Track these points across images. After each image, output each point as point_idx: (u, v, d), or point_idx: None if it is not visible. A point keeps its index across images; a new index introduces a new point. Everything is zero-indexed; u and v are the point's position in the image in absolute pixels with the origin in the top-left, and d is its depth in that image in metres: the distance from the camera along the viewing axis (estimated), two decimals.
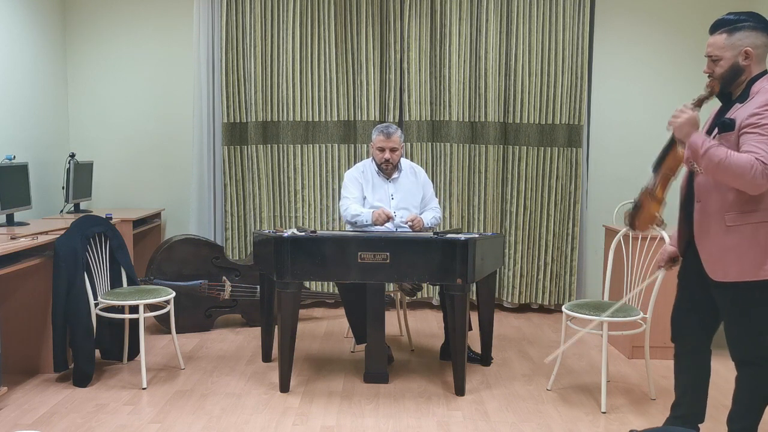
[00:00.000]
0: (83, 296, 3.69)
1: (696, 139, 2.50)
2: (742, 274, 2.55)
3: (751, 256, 2.53)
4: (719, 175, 2.48)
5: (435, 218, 4.21)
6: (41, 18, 5.11)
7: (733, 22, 2.60)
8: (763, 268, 2.52)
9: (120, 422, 3.23)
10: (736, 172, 2.42)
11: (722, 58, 2.59)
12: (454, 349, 3.59)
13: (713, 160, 2.44)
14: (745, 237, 2.54)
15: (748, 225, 2.53)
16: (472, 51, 5.33)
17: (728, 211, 2.56)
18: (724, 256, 2.57)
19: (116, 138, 5.57)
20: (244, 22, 5.31)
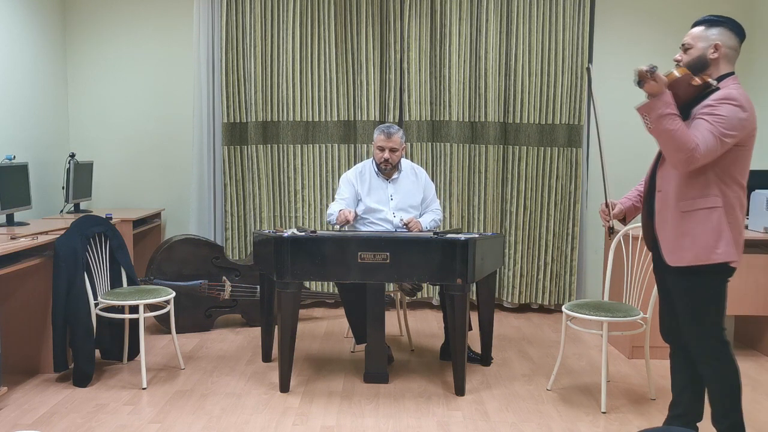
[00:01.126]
0: (83, 296, 3.69)
1: (665, 98, 2.58)
2: (696, 258, 2.64)
3: (703, 241, 2.62)
4: (664, 139, 2.59)
5: (435, 221, 4.20)
6: (41, 18, 5.11)
7: (713, 20, 2.73)
8: (716, 252, 2.61)
9: (120, 422, 3.23)
10: (677, 146, 2.55)
11: (693, 47, 2.73)
12: (454, 349, 3.59)
13: (665, 125, 2.55)
14: (698, 222, 2.63)
15: (702, 210, 2.63)
16: (472, 51, 5.33)
17: (683, 199, 2.67)
18: (679, 241, 2.67)
19: (116, 138, 5.58)
20: (244, 22, 5.31)
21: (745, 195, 2.70)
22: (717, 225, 2.61)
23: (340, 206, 4.10)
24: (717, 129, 2.54)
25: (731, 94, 2.58)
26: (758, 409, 3.47)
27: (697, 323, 2.72)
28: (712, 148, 2.54)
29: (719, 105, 2.57)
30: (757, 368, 4.13)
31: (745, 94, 2.62)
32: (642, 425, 3.23)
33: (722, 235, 2.62)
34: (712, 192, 2.63)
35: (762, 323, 4.40)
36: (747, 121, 2.57)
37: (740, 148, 2.62)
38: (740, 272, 4.15)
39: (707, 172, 2.62)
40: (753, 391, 3.72)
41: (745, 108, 2.58)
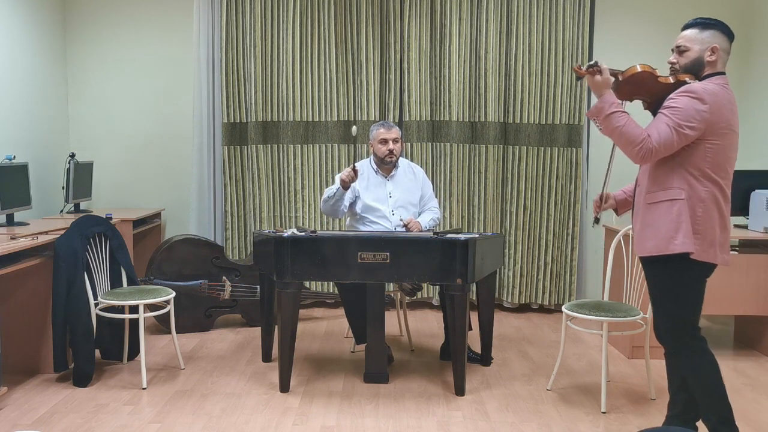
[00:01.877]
0: (83, 296, 3.69)
1: (608, 98, 2.70)
2: (656, 248, 2.69)
3: (663, 231, 2.67)
4: (615, 137, 2.71)
5: (433, 220, 4.20)
6: (41, 18, 5.11)
7: (706, 22, 2.77)
8: (674, 242, 2.65)
9: (120, 422, 3.23)
10: (627, 141, 2.66)
11: (690, 49, 2.74)
12: (454, 349, 3.59)
13: (612, 123, 2.68)
14: (661, 213, 2.69)
15: (664, 202, 2.69)
16: (472, 51, 5.33)
17: (649, 191, 2.75)
18: (643, 231, 2.75)
19: (116, 138, 5.58)
20: (244, 22, 5.31)
21: (724, 192, 2.69)
22: (677, 217, 2.65)
23: None
24: (672, 120, 2.60)
25: (691, 87, 2.63)
26: (758, 409, 3.47)
27: (662, 313, 2.77)
28: (667, 138, 2.60)
29: (677, 97, 2.63)
30: (757, 368, 4.13)
31: (714, 90, 2.63)
32: (642, 425, 3.23)
33: (681, 227, 2.65)
34: (675, 185, 2.67)
35: (762, 323, 4.40)
36: (707, 113, 2.59)
37: (710, 143, 2.63)
38: (740, 272, 4.18)
39: (673, 165, 2.67)
40: (753, 391, 3.72)
41: (705, 101, 2.59)
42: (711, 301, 4.21)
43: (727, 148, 2.67)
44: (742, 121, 5.54)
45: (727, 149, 2.67)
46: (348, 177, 3.88)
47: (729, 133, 2.66)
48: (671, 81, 2.73)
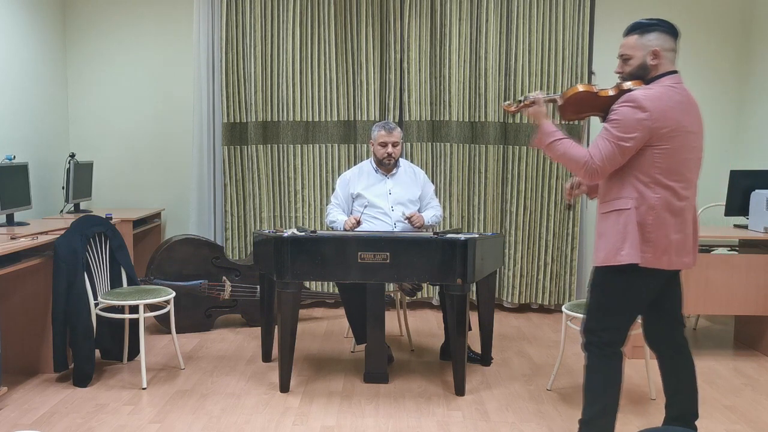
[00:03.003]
0: (83, 296, 3.69)
1: (545, 128, 2.74)
2: (605, 259, 2.67)
3: (612, 242, 2.65)
4: (562, 163, 2.75)
5: (436, 216, 4.23)
6: (41, 18, 5.11)
7: (645, 25, 2.74)
8: (620, 253, 2.62)
9: (120, 422, 3.23)
10: (572, 165, 2.69)
11: (632, 57, 2.71)
12: (454, 349, 3.59)
13: (555, 152, 2.73)
14: (610, 223, 2.67)
15: (613, 212, 2.67)
16: (472, 51, 5.33)
17: (602, 201, 2.75)
18: (597, 242, 2.75)
19: (116, 138, 5.58)
20: (244, 22, 5.31)
21: (680, 195, 2.61)
22: (623, 227, 2.61)
23: (339, 211, 4.21)
24: (611, 134, 2.58)
25: (631, 96, 2.58)
26: (758, 409, 3.47)
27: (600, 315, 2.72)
28: (609, 154, 2.58)
29: (618, 108, 2.59)
30: (757, 368, 4.13)
31: (657, 95, 2.57)
32: (642, 425, 3.23)
33: (628, 237, 2.60)
34: (625, 194, 2.63)
35: (762, 323, 4.40)
36: (648, 121, 2.53)
37: (658, 149, 2.56)
38: (740, 272, 4.19)
39: (622, 175, 2.64)
40: (753, 391, 3.73)
41: (645, 108, 2.53)
42: (711, 301, 4.23)
43: (680, 150, 2.59)
44: (741, 120, 5.57)
45: (680, 151, 2.58)
46: (352, 227, 4.01)
47: (680, 134, 2.58)
48: (611, 94, 2.69)
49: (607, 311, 2.72)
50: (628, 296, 2.70)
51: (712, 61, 5.50)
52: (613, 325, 2.72)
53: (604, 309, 2.73)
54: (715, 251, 4.62)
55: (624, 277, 2.66)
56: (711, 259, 4.26)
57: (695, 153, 2.66)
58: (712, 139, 5.59)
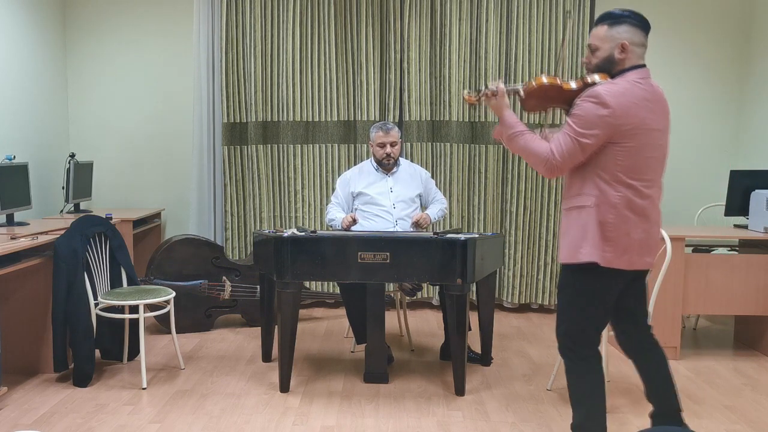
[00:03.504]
0: (83, 296, 3.69)
1: (507, 119, 2.66)
2: (568, 257, 2.66)
3: (573, 239, 2.62)
4: (522, 156, 2.69)
5: (442, 210, 4.29)
6: (41, 18, 5.11)
7: (617, 16, 2.63)
8: (580, 252, 2.59)
9: (120, 422, 3.23)
10: (533, 160, 2.63)
11: (600, 48, 2.64)
12: (454, 349, 3.59)
13: (516, 144, 2.67)
14: (572, 220, 2.65)
15: (574, 209, 2.64)
16: (472, 51, 5.33)
17: (565, 197, 2.71)
18: (561, 240, 2.72)
19: (116, 138, 5.58)
20: (244, 22, 5.31)
21: (643, 194, 2.56)
22: (583, 225, 2.58)
23: (338, 210, 4.21)
24: (573, 130, 2.53)
25: (595, 91, 2.50)
26: (758, 409, 3.47)
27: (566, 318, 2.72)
28: (571, 150, 2.53)
29: (581, 103, 2.53)
30: (757, 368, 4.13)
31: (621, 91, 2.51)
32: (642, 425, 3.23)
33: (587, 236, 2.56)
34: (586, 191, 2.58)
35: (762, 323, 4.40)
36: (609, 118, 2.47)
37: (620, 147, 2.51)
38: (740, 272, 4.19)
39: (584, 171, 2.59)
40: (753, 391, 3.72)
41: (607, 105, 2.47)
42: (711, 301, 4.23)
43: (644, 149, 2.53)
44: (741, 120, 5.57)
45: (643, 150, 2.53)
46: (348, 225, 4.02)
47: (644, 132, 2.52)
48: (574, 87, 2.64)
49: (578, 312, 2.68)
50: (596, 296, 2.65)
51: (712, 61, 5.50)
52: (585, 327, 2.69)
53: (575, 310, 2.69)
54: (715, 251, 4.63)
55: (588, 277, 2.61)
56: (711, 259, 4.26)
57: (660, 151, 2.60)
58: (712, 139, 5.60)
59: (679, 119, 5.55)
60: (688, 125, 5.55)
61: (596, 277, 2.61)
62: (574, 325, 2.71)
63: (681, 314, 4.23)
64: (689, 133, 5.55)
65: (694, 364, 4.18)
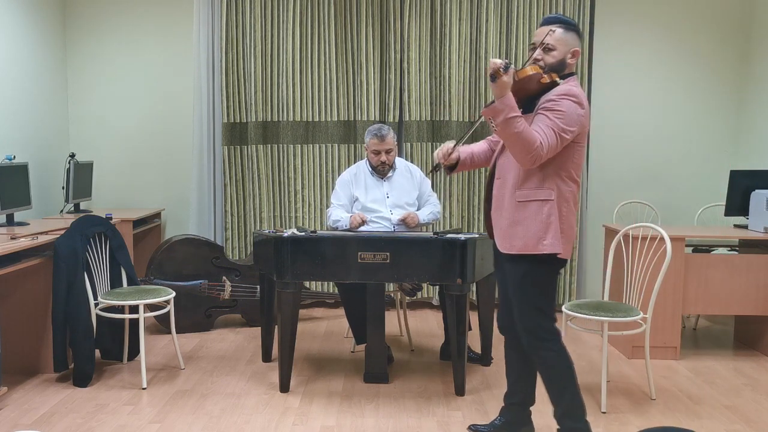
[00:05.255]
0: (83, 296, 3.69)
1: (508, 101, 2.55)
2: (525, 247, 2.70)
3: (533, 231, 2.68)
4: (510, 141, 2.59)
5: (433, 213, 4.21)
6: (41, 18, 5.11)
7: (569, 23, 2.73)
8: (542, 243, 2.68)
9: (120, 422, 3.23)
10: (524, 145, 2.56)
11: (556, 49, 2.69)
12: (454, 349, 3.59)
13: (511, 128, 2.54)
14: (531, 212, 2.69)
15: (535, 202, 2.69)
16: (472, 51, 5.33)
17: (518, 188, 2.72)
18: (512, 229, 2.73)
19: (116, 138, 5.58)
20: (244, 22, 5.31)
21: (579, 191, 2.76)
22: (547, 217, 2.67)
23: (342, 211, 4.16)
24: (556, 124, 2.58)
25: (572, 90, 2.62)
26: (758, 409, 3.47)
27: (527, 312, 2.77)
28: (553, 144, 2.59)
29: (560, 100, 2.60)
30: (757, 368, 4.13)
31: (582, 92, 2.69)
32: (642, 425, 3.23)
33: (550, 228, 2.68)
34: (547, 185, 2.68)
35: (762, 323, 4.40)
36: (584, 118, 2.63)
37: (576, 145, 2.68)
38: (740, 272, 4.18)
39: (546, 166, 2.67)
40: (753, 391, 3.72)
41: (583, 105, 2.63)
42: (711, 301, 4.23)
43: (584, 150, 2.75)
44: (741, 120, 5.57)
45: (584, 150, 2.75)
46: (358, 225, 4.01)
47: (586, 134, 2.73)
48: (548, 81, 2.67)
49: (546, 303, 2.78)
50: (552, 285, 2.78)
51: (712, 61, 5.50)
52: (552, 316, 2.80)
53: (543, 301, 2.77)
54: (715, 251, 4.63)
55: (547, 267, 2.73)
56: (711, 259, 4.26)
57: None
58: (712, 139, 5.60)
59: (679, 119, 5.56)
60: (688, 125, 5.55)
61: (552, 267, 2.75)
62: (545, 316, 2.78)
63: (681, 314, 4.23)
64: (689, 133, 5.55)
65: (694, 364, 4.18)
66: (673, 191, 5.56)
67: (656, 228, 3.66)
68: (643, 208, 5.45)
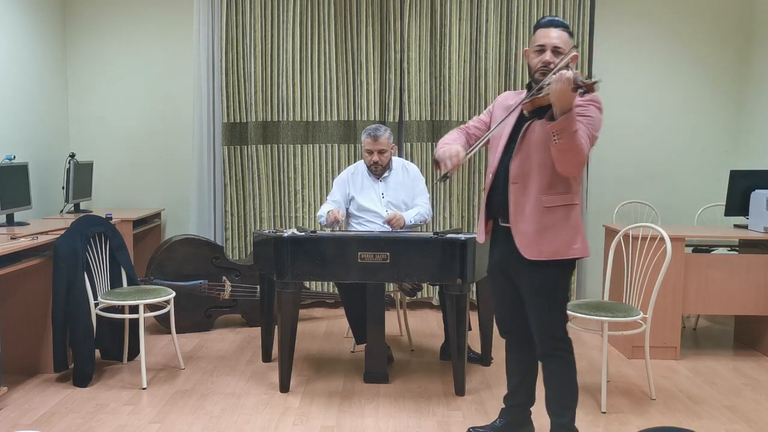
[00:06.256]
0: (83, 296, 3.69)
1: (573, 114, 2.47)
2: (555, 253, 2.65)
3: (563, 236, 2.65)
4: (571, 152, 2.48)
5: (420, 214, 4.11)
6: (41, 18, 5.11)
7: (569, 29, 2.70)
8: (573, 247, 2.66)
9: (120, 422, 3.23)
10: (580, 155, 2.50)
11: (564, 53, 2.64)
12: (454, 349, 3.59)
13: (575, 141, 2.46)
14: (558, 218, 2.65)
15: (562, 206, 2.65)
16: (472, 51, 5.33)
17: (545, 193, 2.64)
18: (540, 235, 2.65)
19: (116, 138, 5.58)
20: (244, 22, 5.31)
21: None
22: (575, 222, 2.67)
23: (330, 207, 4.11)
24: (588, 131, 2.56)
25: (596, 96, 2.58)
26: (758, 409, 3.47)
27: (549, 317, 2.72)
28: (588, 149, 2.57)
29: (588, 106, 2.59)
30: (757, 368, 4.13)
31: None
32: (642, 425, 3.23)
33: (579, 232, 2.68)
34: (572, 189, 2.67)
35: (762, 323, 4.40)
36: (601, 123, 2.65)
37: None
38: (740, 272, 4.19)
39: None
40: (753, 391, 3.72)
41: (601, 111, 2.64)
42: (711, 301, 4.23)
43: None
44: (741, 120, 5.57)
45: None
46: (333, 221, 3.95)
47: None
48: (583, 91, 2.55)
49: (564, 307, 2.77)
50: (568, 287, 2.78)
51: (712, 61, 5.50)
52: (566, 320, 2.79)
53: (563, 306, 2.76)
54: (715, 251, 4.63)
55: (569, 272, 2.73)
56: (711, 259, 4.26)
57: None
58: (712, 139, 5.60)
59: (679, 119, 5.56)
60: (688, 125, 5.55)
61: (571, 269, 2.75)
62: (564, 324, 2.76)
63: (681, 314, 4.23)
64: (689, 133, 5.55)
65: (694, 364, 4.18)
66: (673, 191, 5.56)
67: (656, 228, 3.66)
68: (643, 208, 5.45)
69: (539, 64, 2.64)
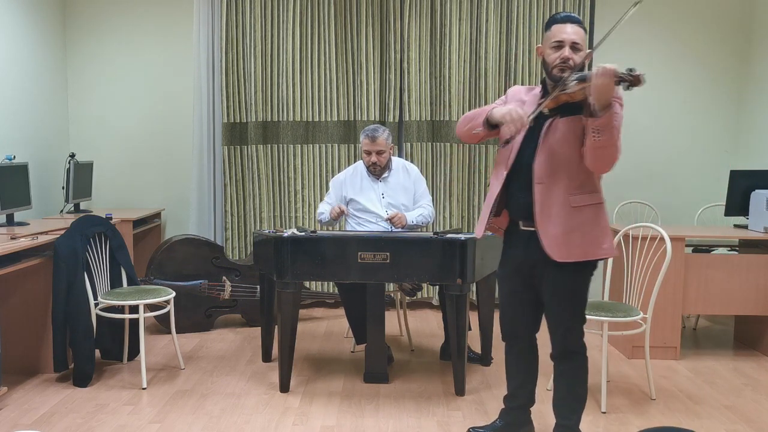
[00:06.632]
0: (83, 296, 3.69)
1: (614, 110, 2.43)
2: (584, 254, 2.61)
3: (593, 237, 2.61)
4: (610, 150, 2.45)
5: (423, 216, 4.12)
6: (41, 18, 5.11)
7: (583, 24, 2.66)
8: (602, 248, 2.63)
9: (120, 422, 3.23)
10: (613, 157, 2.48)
11: (581, 50, 2.60)
12: (454, 349, 3.59)
13: (615, 138, 2.44)
14: (587, 218, 2.61)
15: (591, 206, 2.61)
16: (472, 51, 5.33)
17: (573, 193, 2.59)
18: (568, 236, 2.59)
19: (116, 138, 5.58)
20: (244, 22, 5.31)
21: None
22: (604, 222, 2.65)
23: (327, 206, 4.13)
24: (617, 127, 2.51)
25: (619, 93, 2.53)
26: (758, 409, 3.47)
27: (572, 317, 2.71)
28: None
29: (614, 103, 2.50)
30: (757, 368, 4.13)
31: None
32: (642, 425, 3.23)
33: (607, 231, 2.66)
34: (598, 189, 2.66)
35: (762, 323, 4.40)
36: None
37: None
38: (740, 272, 4.18)
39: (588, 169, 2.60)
40: (753, 391, 3.72)
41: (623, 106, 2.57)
42: (711, 301, 4.23)
43: None
44: (741, 120, 5.57)
45: None
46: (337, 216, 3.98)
47: None
48: None
49: (584, 312, 2.77)
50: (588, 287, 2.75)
51: (712, 61, 5.50)
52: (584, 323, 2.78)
53: (585, 306, 2.76)
54: (715, 251, 4.63)
55: (592, 272, 2.71)
56: (711, 259, 4.26)
57: None
58: (712, 139, 5.60)
59: (679, 119, 5.56)
60: (688, 125, 5.55)
61: (593, 270, 2.72)
62: (583, 323, 2.77)
63: (681, 314, 4.23)
64: (689, 133, 5.55)
65: (694, 364, 4.18)
66: (673, 191, 5.56)
67: (656, 228, 3.66)
68: (643, 208, 5.45)
69: (558, 60, 2.56)
